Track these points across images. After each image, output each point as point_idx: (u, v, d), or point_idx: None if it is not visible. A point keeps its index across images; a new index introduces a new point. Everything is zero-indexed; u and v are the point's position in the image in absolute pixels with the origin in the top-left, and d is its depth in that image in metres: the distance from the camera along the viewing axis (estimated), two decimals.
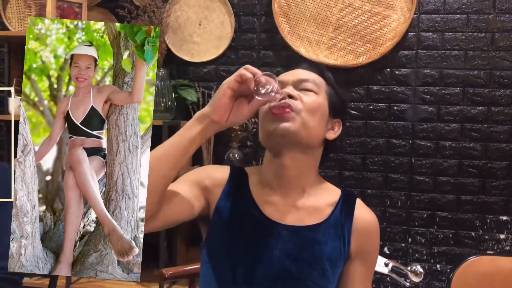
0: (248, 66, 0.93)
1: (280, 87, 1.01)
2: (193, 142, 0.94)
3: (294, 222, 1.05)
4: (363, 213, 1.09)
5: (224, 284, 1.03)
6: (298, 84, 1.06)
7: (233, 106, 0.95)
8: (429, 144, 2.39)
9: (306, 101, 1.04)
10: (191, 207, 1.03)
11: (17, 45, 2.61)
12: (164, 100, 2.28)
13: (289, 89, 1.04)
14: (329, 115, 1.08)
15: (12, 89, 2.48)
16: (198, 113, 0.96)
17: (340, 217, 1.06)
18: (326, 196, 1.09)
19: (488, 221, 2.34)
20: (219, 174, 1.10)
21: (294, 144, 1.03)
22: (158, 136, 2.24)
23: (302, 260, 1.02)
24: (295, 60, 1.16)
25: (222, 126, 0.95)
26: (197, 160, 2.51)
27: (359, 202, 1.11)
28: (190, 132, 0.94)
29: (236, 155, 2.42)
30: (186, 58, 2.58)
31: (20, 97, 2.44)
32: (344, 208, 1.08)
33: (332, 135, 1.10)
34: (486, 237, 2.35)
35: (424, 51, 2.38)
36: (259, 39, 2.53)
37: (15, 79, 2.51)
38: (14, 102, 2.45)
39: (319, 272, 1.02)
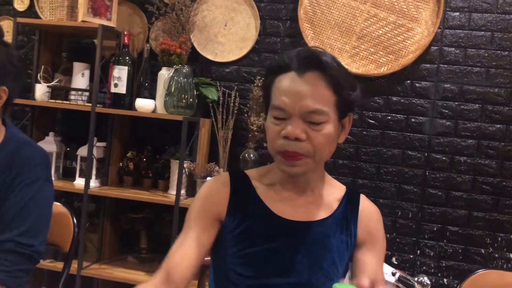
0: None
1: (284, 115, 0.98)
2: None
3: (304, 218, 1.08)
4: (367, 205, 1.14)
5: (237, 280, 1.06)
6: (305, 115, 0.97)
7: None
8: (444, 158, 2.40)
9: (317, 140, 0.98)
10: (209, 243, 1.07)
11: (47, 33, 2.69)
12: (186, 96, 2.33)
13: (297, 130, 0.97)
14: (339, 121, 1.03)
15: (40, 75, 2.55)
16: None
17: (346, 211, 1.10)
18: (333, 192, 1.13)
19: (499, 239, 2.34)
20: (220, 190, 1.09)
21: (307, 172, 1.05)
22: (177, 130, 2.30)
23: (314, 253, 1.06)
24: (296, 59, 1.01)
25: None
26: (213, 159, 2.56)
27: (363, 197, 1.15)
28: None
29: (251, 155, 2.45)
30: (210, 57, 2.63)
31: (47, 84, 2.52)
32: (349, 202, 1.12)
33: (343, 137, 1.08)
34: (496, 255, 2.34)
35: (446, 66, 2.39)
36: (282, 43, 2.56)
37: (43, 66, 2.59)
38: (41, 89, 2.53)
39: (329, 264, 1.06)
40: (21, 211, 1.19)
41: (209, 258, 1.19)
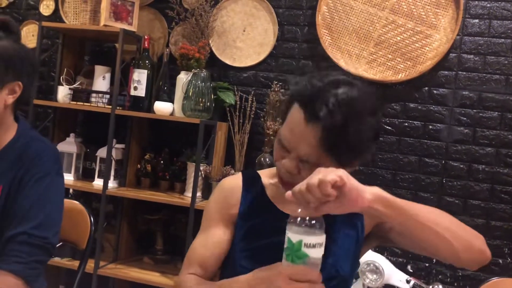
0: None
1: (282, 150, 1.01)
2: None
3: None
4: None
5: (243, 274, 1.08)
6: (298, 158, 0.99)
7: None
8: (462, 166, 2.37)
9: (306, 175, 0.92)
10: (228, 243, 1.12)
11: (71, 37, 2.76)
12: (204, 100, 2.36)
13: (291, 166, 0.99)
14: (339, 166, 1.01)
15: (62, 78, 2.62)
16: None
17: None
18: None
19: None
20: (234, 191, 1.14)
21: None
22: (194, 133, 2.33)
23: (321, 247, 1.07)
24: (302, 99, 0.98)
25: None
26: (229, 162, 2.58)
27: None
28: None
29: (267, 159, 2.47)
30: (228, 62, 2.66)
31: (69, 86, 2.58)
32: None
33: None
34: None
35: (464, 73, 2.38)
36: (300, 49, 2.58)
37: (65, 69, 2.65)
38: (63, 91, 2.59)
39: (335, 258, 1.07)
40: (34, 205, 1.22)
41: None
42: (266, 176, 1.17)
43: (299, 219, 0.83)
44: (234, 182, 1.16)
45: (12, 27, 1.29)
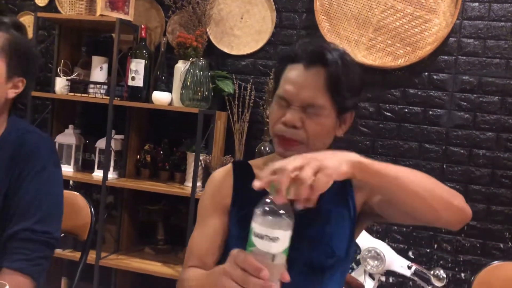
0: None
1: (284, 102, 1.04)
2: None
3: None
4: None
5: None
6: (304, 106, 1.04)
7: None
8: (462, 151, 2.36)
9: (311, 128, 1.03)
10: (225, 233, 1.13)
11: (67, 28, 2.73)
12: (202, 89, 2.35)
13: (294, 118, 1.02)
14: (338, 118, 1.07)
15: (60, 69, 2.60)
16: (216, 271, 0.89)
17: (342, 186, 1.10)
18: None
19: None
20: (225, 182, 1.16)
21: None
22: (193, 123, 2.32)
23: (312, 229, 1.08)
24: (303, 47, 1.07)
25: None
26: (229, 151, 2.57)
27: None
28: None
29: (267, 148, 2.46)
30: (226, 50, 2.64)
31: (66, 78, 2.57)
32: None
33: (341, 131, 1.11)
34: None
35: (464, 58, 2.36)
36: (298, 36, 2.56)
37: (62, 60, 2.63)
38: (60, 82, 2.57)
39: (328, 237, 1.08)
40: (34, 200, 1.20)
41: None
42: (257, 165, 1.19)
43: (263, 205, 0.77)
44: (224, 173, 1.19)
45: (23, 28, 1.29)
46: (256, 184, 0.79)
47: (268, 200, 0.77)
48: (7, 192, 1.22)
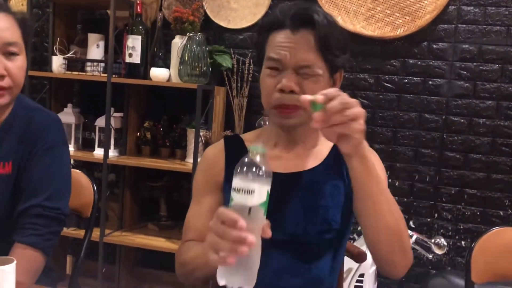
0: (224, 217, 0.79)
1: (279, 66, 1.03)
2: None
3: (296, 169, 1.11)
4: None
5: None
6: (298, 69, 1.03)
7: None
8: (462, 120, 2.36)
9: (309, 91, 0.99)
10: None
11: (61, 6, 2.69)
12: (200, 64, 2.33)
13: (291, 82, 1.01)
14: (330, 77, 1.07)
15: (56, 47, 2.57)
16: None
17: (338, 157, 1.07)
18: (325, 141, 1.13)
19: None
20: (217, 157, 1.15)
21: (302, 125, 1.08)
22: (192, 98, 2.31)
23: (307, 202, 1.08)
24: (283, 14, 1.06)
25: None
26: (229, 127, 2.57)
27: None
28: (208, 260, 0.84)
29: (267, 122, 2.45)
30: (223, 24, 2.61)
31: (63, 56, 2.54)
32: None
33: None
34: None
35: (464, 26, 2.33)
36: None
37: (58, 38, 2.60)
38: (57, 61, 2.55)
39: (324, 210, 1.08)
40: (44, 177, 1.22)
41: None
42: (249, 138, 1.18)
43: (242, 161, 0.80)
44: (216, 149, 1.18)
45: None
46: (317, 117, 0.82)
47: (247, 157, 0.80)
48: (19, 170, 1.24)
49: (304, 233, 1.07)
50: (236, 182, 0.79)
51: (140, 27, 2.45)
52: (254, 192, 0.78)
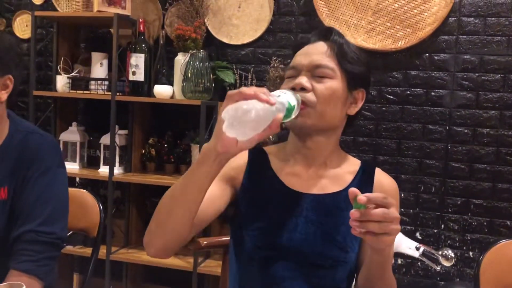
0: (244, 88, 0.85)
1: (295, 73, 1.08)
2: (207, 176, 0.91)
3: (316, 191, 1.10)
4: (382, 178, 1.14)
5: (253, 254, 1.09)
6: (312, 70, 1.06)
7: None
8: (466, 130, 2.36)
9: (320, 91, 1.04)
10: (220, 204, 1.09)
11: (65, 25, 2.73)
12: (203, 80, 2.35)
13: (303, 79, 1.05)
14: (348, 91, 1.08)
15: (60, 67, 2.60)
16: (204, 147, 0.91)
17: (360, 185, 1.09)
18: (347, 166, 1.14)
19: None
20: (239, 158, 1.13)
21: (314, 132, 1.08)
22: (196, 115, 2.32)
23: (325, 225, 1.08)
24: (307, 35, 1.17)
25: (233, 154, 0.89)
26: None
27: (378, 170, 1.15)
28: (202, 167, 0.90)
29: (270, 137, 2.46)
30: (225, 40, 2.63)
31: (67, 75, 2.57)
32: (364, 176, 1.13)
33: (353, 109, 1.11)
34: None
35: (465, 37, 2.34)
36: (297, 22, 2.54)
37: (62, 58, 2.63)
38: (61, 80, 2.58)
39: (342, 236, 1.07)
40: (38, 201, 1.21)
41: (229, 238, 1.21)
42: (272, 152, 1.17)
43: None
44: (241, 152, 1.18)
45: None
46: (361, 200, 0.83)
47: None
48: (14, 195, 1.22)
49: (319, 254, 1.07)
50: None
51: (143, 45, 2.47)
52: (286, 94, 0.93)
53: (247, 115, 0.79)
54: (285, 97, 0.92)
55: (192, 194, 0.92)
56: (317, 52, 1.08)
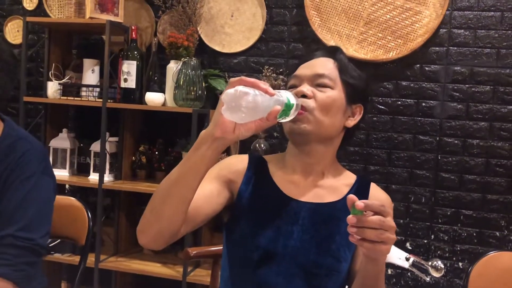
0: (243, 77, 0.88)
1: (297, 82, 1.11)
2: (203, 161, 0.91)
3: (313, 200, 1.12)
4: (377, 193, 1.17)
5: (247, 259, 1.09)
6: (314, 79, 1.10)
7: None
8: (456, 141, 2.38)
9: (319, 98, 1.07)
10: (217, 203, 1.09)
11: (57, 31, 2.72)
12: (195, 88, 2.35)
13: (304, 88, 1.08)
14: (347, 104, 1.12)
15: (51, 73, 2.58)
16: (202, 132, 0.92)
17: (356, 196, 1.09)
18: (343, 178, 1.17)
19: None
20: (239, 163, 1.16)
21: (312, 140, 1.10)
22: (187, 123, 2.32)
23: (321, 234, 1.09)
24: (312, 49, 1.20)
25: (230, 140, 0.91)
26: (224, 150, 2.56)
27: (373, 185, 1.18)
28: (198, 152, 0.91)
29: (262, 145, 2.46)
30: (218, 48, 2.64)
31: (58, 81, 2.55)
32: (360, 190, 1.15)
33: (351, 122, 1.14)
34: (511, 237, 2.33)
35: (456, 48, 2.37)
36: (289, 32, 2.56)
37: (53, 64, 2.62)
38: (52, 86, 2.56)
39: (337, 246, 1.08)
40: (19, 206, 1.20)
41: (221, 247, 1.21)
42: (271, 160, 1.19)
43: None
44: (241, 157, 1.20)
45: None
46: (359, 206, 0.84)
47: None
48: None
49: (313, 263, 1.07)
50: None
51: (135, 52, 2.47)
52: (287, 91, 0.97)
53: (244, 98, 0.83)
54: (285, 94, 0.95)
55: (187, 179, 0.93)
56: (320, 64, 1.12)
